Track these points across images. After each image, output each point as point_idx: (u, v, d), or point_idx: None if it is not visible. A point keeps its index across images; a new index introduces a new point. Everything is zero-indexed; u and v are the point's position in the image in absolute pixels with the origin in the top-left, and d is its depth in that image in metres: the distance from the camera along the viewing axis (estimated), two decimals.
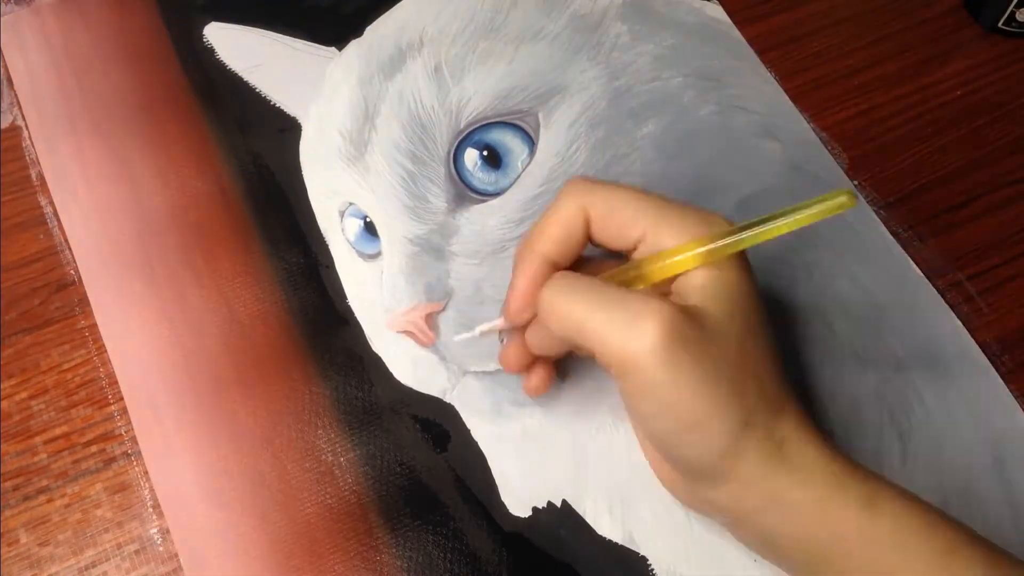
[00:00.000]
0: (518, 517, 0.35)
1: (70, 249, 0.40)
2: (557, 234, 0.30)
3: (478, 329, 0.34)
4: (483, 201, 0.39)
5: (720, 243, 0.28)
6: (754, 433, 0.27)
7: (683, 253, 0.28)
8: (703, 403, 0.27)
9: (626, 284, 0.29)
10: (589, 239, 0.30)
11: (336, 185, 0.41)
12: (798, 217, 0.28)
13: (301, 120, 0.43)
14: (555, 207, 0.30)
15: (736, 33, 0.45)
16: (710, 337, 0.27)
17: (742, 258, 0.29)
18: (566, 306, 0.28)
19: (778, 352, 0.30)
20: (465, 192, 0.39)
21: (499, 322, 0.33)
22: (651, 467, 0.33)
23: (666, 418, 0.27)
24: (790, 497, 0.27)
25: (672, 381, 0.27)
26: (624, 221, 0.29)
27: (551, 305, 0.29)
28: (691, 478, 0.29)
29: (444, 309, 0.37)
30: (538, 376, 0.34)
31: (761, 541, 0.29)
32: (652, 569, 0.34)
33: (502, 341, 0.35)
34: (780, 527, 0.28)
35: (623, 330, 0.27)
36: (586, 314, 0.28)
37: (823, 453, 0.28)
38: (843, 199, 0.27)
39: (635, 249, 0.30)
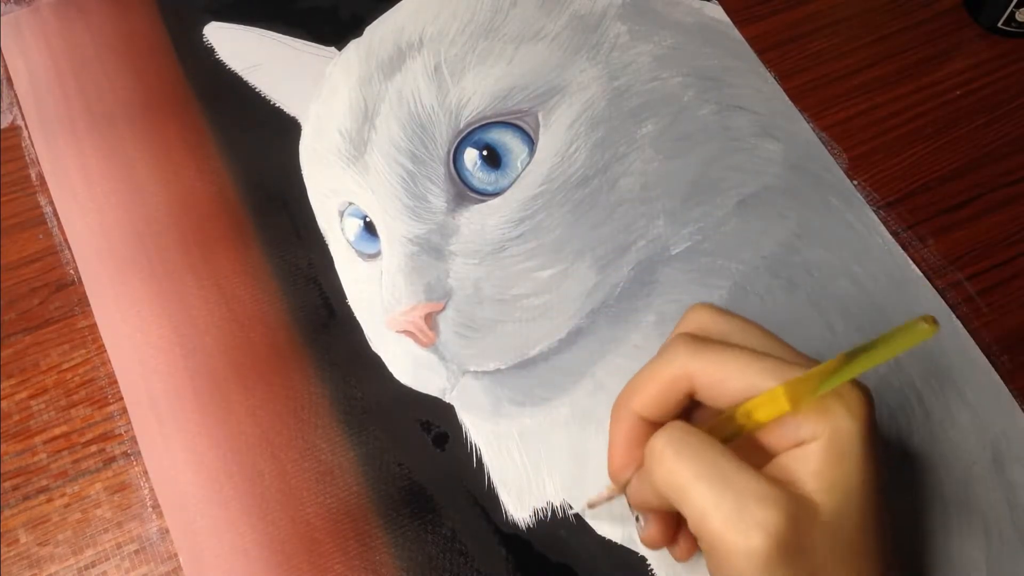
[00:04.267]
0: (517, 517, 0.35)
1: (70, 249, 0.40)
2: (656, 395, 0.28)
3: (586, 504, 0.32)
4: (483, 201, 0.39)
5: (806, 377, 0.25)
6: None
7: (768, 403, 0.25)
8: None
9: (726, 439, 0.27)
10: (693, 398, 0.28)
11: (335, 185, 0.41)
12: (891, 348, 0.25)
13: (301, 120, 0.43)
14: (657, 365, 0.28)
15: (736, 33, 0.45)
16: (816, 539, 0.25)
17: (865, 443, 0.25)
18: (674, 463, 0.26)
19: (889, 537, 0.27)
20: (465, 192, 0.39)
21: (605, 492, 0.31)
22: None
23: None
24: None
25: None
26: (737, 390, 0.26)
27: (660, 457, 0.26)
28: None
29: (444, 309, 0.37)
30: (685, 545, 0.31)
31: None
32: (652, 569, 0.34)
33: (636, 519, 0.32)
34: None
35: (728, 519, 0.24)
36: (692, 482, 0.25)
37: None
38: (924, 327, 0.25)
39: None
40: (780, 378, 0.26)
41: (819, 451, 0.25)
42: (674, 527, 0.30)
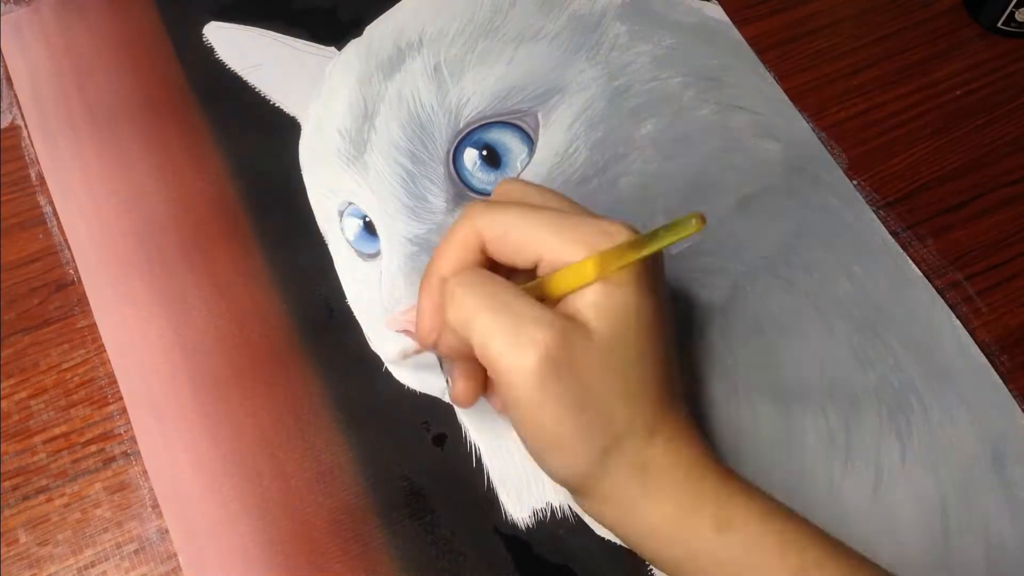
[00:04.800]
0: (517, 518, 0.35)
1: (69, 249, 0.40)
2: (454, 257, 0.30)
3: (398, 353, 0.35)
4: None
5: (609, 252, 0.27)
6: (619, 458, 0.28)
7: (571, 278, 0.28)
8: (566, 429, 0.27)
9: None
10: (491, 259, 0.30)
11: (335, 185, 0.41)
12: (670, 236, 0.28)
13: (300, 120, 0.43)
14: (451, 230, 0.30)
15: (735, 33, 0.45)
16: (588, 359, 0.27)
17: (639, 279, 0.28)
18: (463, 298, 0.28)
19: (674, 368, 0.30)
20: (464, 192, 0.39)
21: (412, 346, 0.33)
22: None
23: (531, 434, 0.28)
24: (645, 517, 0.28)
25: (539, 403, 0.27)
26: (518, 241, 0.29)
27: (451, 294, 0.28)
28: (560, 485, 0.30)
29: None
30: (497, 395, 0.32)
31: (630, 547, 0.30)
32: (651, 569, 0.34)
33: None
34: (639, 541, 0.29)
35: (504, 340, 0.27)
36: (476, 312, 0.27)
37: (688, 474, 0.28)
38: (694, 222, 0.27)
39: (537, 267, 0.29)
40: (557, 230, 0.28)
41: (595, 286, 0.28)
42: (481, 380, 0.32)
